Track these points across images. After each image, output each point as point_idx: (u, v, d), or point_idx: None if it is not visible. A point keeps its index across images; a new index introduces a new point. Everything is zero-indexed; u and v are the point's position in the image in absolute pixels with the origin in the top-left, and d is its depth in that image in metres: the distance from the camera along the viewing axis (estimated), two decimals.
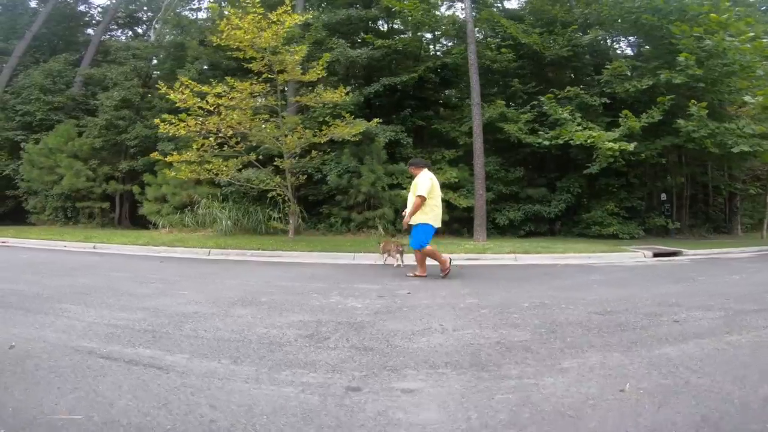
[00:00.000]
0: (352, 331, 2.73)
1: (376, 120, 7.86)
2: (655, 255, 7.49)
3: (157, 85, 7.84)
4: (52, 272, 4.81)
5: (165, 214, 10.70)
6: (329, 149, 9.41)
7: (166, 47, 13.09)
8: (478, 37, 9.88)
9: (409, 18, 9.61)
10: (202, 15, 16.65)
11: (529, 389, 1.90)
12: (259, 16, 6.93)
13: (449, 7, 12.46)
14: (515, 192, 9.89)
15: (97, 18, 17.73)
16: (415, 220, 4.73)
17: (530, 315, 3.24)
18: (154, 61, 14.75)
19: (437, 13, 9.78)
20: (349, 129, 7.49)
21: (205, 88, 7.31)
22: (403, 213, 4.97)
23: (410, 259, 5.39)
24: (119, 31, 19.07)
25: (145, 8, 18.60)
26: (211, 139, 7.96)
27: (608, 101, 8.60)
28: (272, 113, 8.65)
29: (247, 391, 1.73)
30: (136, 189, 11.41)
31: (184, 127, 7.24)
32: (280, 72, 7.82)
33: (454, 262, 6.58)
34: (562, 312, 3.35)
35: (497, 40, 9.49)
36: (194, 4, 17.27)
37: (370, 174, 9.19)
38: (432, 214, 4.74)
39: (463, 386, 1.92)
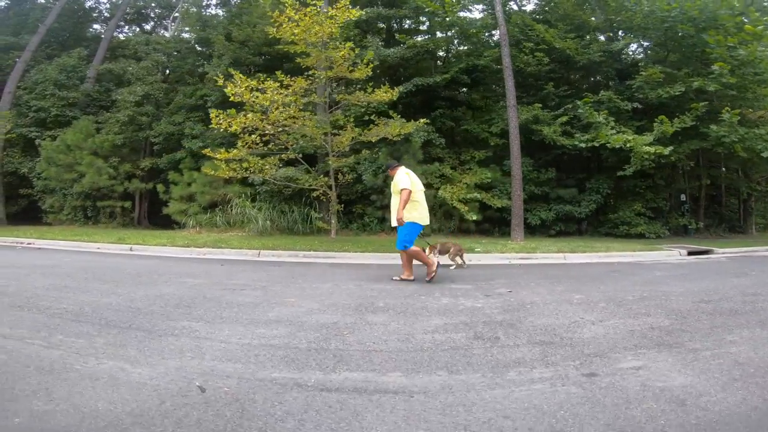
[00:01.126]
0: (509, 329, 2.77)
1: (423, 120, 7.87)
2: (690, 253, 7.75)
3: (215, 77, 7.53)
4: (117, 280, 4.42)
5: (193, 214, 10.44)
6: (364, 149, 9.36)
7: (189, 42, 12.69)
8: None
9: (446, 19, 9.64)
10: (211, 11, 16.32)
11: (727, 356, 2.19)
12: (317, 9, 6.82)
13: (463, 8, 12.55)
14: (546, 192, 10.06)
15: (105, 14, 17.18)
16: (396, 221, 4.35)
17: (647, 306, 3.45)
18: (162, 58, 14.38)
19: (470, 15, 9.85)
20: (400, 128, 7.47)
21: (255, 83, 7.15)
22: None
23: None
24: (126, 27, 18.50)
25: (153, 4, 18.06)
26: (254, 136, 7.80)
27: (639, 106, 8.84)
28: (315, 111, 8.54)
29: (509, 395, 1.75)
30: (160, 188, 11.08)
31: (238, 122, 7.06)
32: (329, 68, 7.72)
33: (511, 261, 6.76)
34: (670, 302, 3.59)
35: (530, 44, 9.60)
36: (206, 1, 16.89)
37: None
38: (416, 212, 4.37)
39: (675, 360, 2.14)
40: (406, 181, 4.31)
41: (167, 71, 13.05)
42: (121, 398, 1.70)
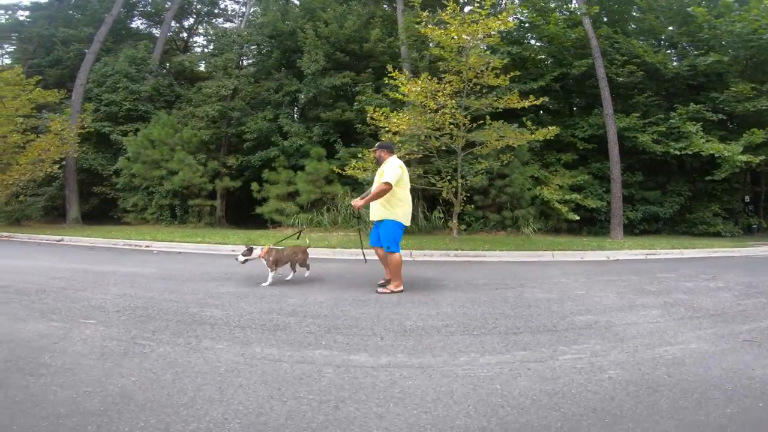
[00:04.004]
0: None
1: (554, 128, 9.14)
2: None
3: (391, 74, 8.33)
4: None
5: (293, 213, 11.24)
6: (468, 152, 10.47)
7: (271, 37, 13.20)
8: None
9: (545, 31, 10.97)
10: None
11: None
12: (476, 15, 7.83)
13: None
14: (632, 194, 11.60)
15: (148, 8, 17.57)
16: (381, 215, 4.19)
17: None
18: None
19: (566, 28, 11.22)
20: (545, 132, 8.70)
21: (432, 84, 8.05)
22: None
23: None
24: None
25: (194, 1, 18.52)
26: (388, 133, 8.81)
27: (724, 117, 10.52)
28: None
29: None
30: (255, 186, 11.77)
31: (406, 121, 8.03)
32: (458, 73, 8.77)
33: (627, 258, 8.15)
34: None
35: (621, 57, 11.09)
36: None
37: (519, 176, 10.48)
38: (401, 210, 4.18)
39: None
40: (393, 175, 4.06)
41: (244, 65, 13.69)
42: None
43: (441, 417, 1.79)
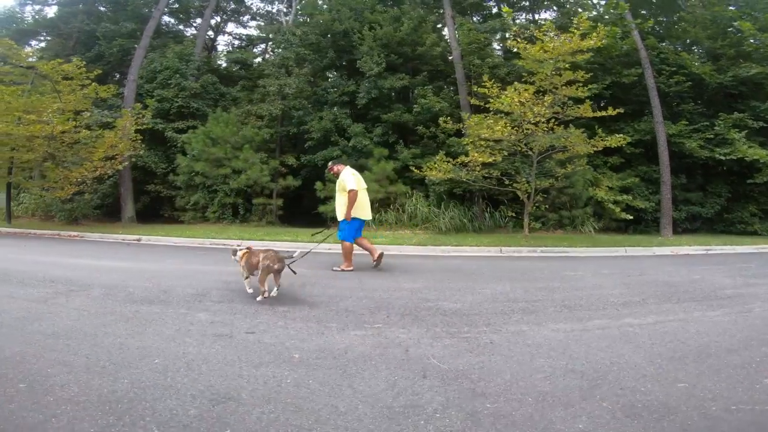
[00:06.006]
0: None
1: (623, 137, 10.68)
2: None
3: (484, 83, 9.56)
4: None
5: None
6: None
7: (327, 36, 14.14)
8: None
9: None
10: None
11: None
12: (571, 33, 9.21)
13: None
14: (675, 195, 13.33)
15: (176, 6, 18.35)
16: (342, 215, 5.61)
17: None
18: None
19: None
20: (618, 139, 10.22)
21: (519, 94, 9.32)
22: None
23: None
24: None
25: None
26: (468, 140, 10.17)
27: (765, 125, 12.38)
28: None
29: None
30: (319, 185, 12.83)
31: (502, 128, 9.35)
32: (532, 83, 10.15)
33: (690, 252, 9.80)
34: None
35: (669, 67, 12.81)
36: None
37: (580, 178, 12.01)
38: (359, 209, 5.64)
39: None
40: (353, 182, 5.47)
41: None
42: None
43: (728, 339, 3.10)
